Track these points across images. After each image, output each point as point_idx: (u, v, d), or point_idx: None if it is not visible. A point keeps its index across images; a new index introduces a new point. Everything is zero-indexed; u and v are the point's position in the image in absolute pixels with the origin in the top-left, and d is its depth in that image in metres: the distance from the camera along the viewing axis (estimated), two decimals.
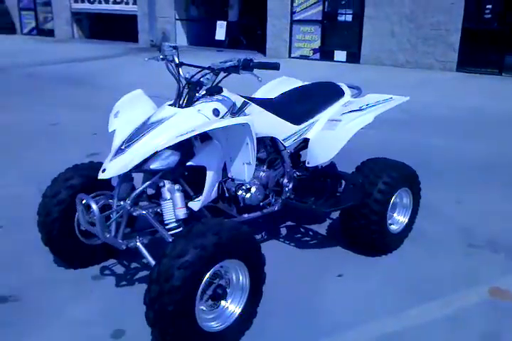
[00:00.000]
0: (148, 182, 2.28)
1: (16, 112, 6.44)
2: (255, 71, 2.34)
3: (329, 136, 2.83)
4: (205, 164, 2.31)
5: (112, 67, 10.51)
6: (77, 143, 5.11)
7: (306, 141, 2.91)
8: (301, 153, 3.09)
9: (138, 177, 2.44)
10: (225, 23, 13.71)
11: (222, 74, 2.39)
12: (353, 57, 12.08)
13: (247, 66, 2.29)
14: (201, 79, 2.34)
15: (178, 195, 2.25)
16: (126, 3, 15.04)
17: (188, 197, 2.42)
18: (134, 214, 2.30)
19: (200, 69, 2.36)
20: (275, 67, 2.31)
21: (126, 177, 2.33)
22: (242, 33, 14.50)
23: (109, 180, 2.32)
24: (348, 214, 2.87)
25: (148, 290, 1.88)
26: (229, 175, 2.47)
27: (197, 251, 1.88)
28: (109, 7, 15.45)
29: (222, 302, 2.14)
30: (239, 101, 2.52)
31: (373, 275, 2.79)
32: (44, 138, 5.32)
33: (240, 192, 2.65)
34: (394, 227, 3.01)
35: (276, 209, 2.86)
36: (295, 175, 2.93)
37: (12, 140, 5.23)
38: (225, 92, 2.48)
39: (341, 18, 12.27)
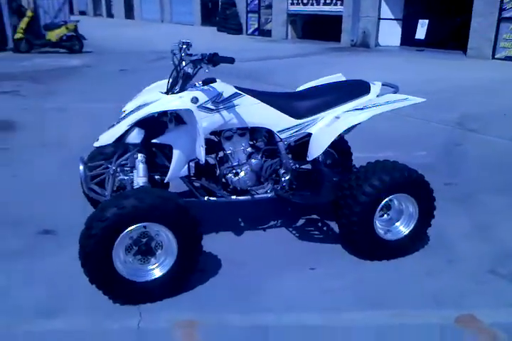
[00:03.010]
0: (129, 154, 2.75)
1: None
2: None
3: (323, 132, 2.85)
4: (171, 143, 2.66)
5: (294, 65, 11.18)
6: None
7: (310, 135, 2.98)
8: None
9: None
10: (427, 21, 13.08)
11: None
12: None
13: (210, 60, 2.56)
14: (186, 70, 2.68)
15: (140, 166, 2.67)
16: (335, 5, 15.59)
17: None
18: (118, 178, 2.80)
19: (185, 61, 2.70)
20: (231, 61, 2.59)
21: (124, 147, 2.83)
22: (448, 32, 13.62)
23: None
24: (335, 212, 2.85)
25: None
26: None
27: (115, 210, 2.28)
28: (320, 8, 16.23)
29: (153, 260, 2.49)
30: (228, 92, 2.77)
31: (345, 277, 2.73)
32: None
33: (228, 175, 2.93)
34: (390, 235, 2.85)
35: (269, 196, 3.02)
36: (294, 167, 3.02)
37: None
38: (217, 83, 2.78)
39: None
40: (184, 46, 2.78)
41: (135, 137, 2.67)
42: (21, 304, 2.48)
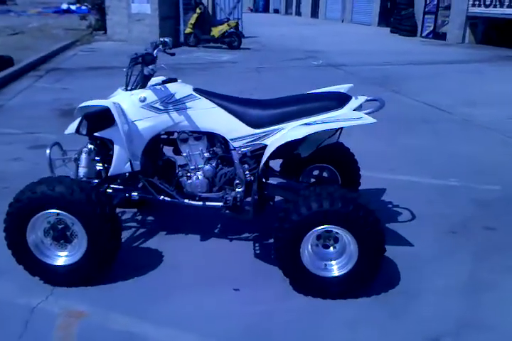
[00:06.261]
0: (88, 144, 2.91)
1: None
2: None
3: (268, 146, 2.63)
4: (111, 138, 2.75)
5: (440, 73, 10.15)
6: None
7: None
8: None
9: None
10: None
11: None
12: None
13: (144, 60, 2.64)
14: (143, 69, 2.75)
15: (83, 156, 2.80)
16: None
17: None
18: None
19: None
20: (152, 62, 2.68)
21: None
22: None
23: None
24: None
25: None
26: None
27: (29, 193, 2.47)
28: (504, 11, 14.36)
29: (69, 247, 2.62)
30: (182, 93, 2.75)
31: (256, 305, 2.50)
32: None
33: (182, 177, 2.90)
34: (323, 270, 2.51)
35: (220, 205, 2.88)
36: (249, 178, 2.83)
37: None
38: (175, 83, 2.81)
39: None
40: (160, 44, 2.85)
41: (79, 129, 2.82)
42: None
